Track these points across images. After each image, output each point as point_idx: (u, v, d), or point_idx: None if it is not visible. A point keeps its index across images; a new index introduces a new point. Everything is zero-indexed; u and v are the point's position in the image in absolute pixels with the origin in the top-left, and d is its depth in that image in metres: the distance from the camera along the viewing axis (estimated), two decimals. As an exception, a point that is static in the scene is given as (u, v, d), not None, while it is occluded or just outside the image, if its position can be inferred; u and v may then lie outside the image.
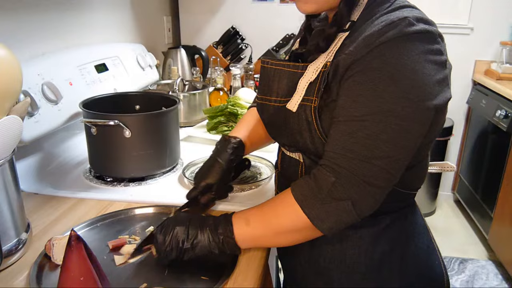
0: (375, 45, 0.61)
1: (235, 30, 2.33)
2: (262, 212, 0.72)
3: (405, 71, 0.61)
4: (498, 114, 2.25)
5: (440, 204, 2.95)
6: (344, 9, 0.69)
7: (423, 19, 0.64)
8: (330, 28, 0.70)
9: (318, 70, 0.69)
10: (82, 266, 0.60)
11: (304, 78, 0.71)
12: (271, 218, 0.71)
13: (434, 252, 0.83)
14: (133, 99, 1.21)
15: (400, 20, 0.61)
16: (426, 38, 0.62)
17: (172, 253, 0.70)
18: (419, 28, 0.61)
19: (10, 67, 0.71)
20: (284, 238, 0.72)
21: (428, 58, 0.62)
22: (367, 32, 0.64)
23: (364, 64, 0.63)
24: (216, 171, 0.84)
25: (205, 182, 0.83)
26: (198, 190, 0.83)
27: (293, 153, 0.78)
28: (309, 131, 0.70)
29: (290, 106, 0.72)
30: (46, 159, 1.15)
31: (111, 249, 0.78)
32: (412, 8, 0.67)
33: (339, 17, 0.69)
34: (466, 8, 2.57)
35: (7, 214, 0.73)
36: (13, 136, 0.71)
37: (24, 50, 1.15)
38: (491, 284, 2.14)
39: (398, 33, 0.61)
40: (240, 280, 0.71)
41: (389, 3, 0.68)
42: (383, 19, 0.64)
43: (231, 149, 0.86)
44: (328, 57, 0.69)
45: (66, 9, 1.34)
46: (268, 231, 0.71)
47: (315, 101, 0.69)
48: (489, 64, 2.65)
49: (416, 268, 0.78)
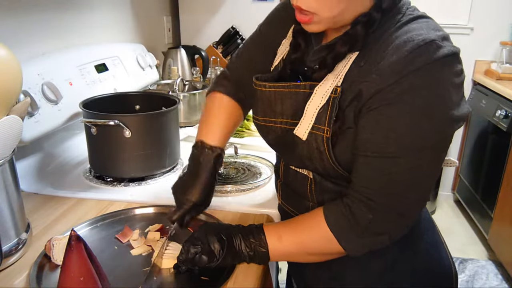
0: (403, 74, 0.58)
1: (235, 30, 2.33)
2: (295, 232, 0.71)
3: (437, 103, 0.59)
4: (498, 114, 2.25)
5: (440, 204, 2.95)
6: (361, 30, 0.62)
7: (446, 36, 0.60)
8: (341, 47, 0.64)
9: (328, 95, 0.65)
10: (82, 266, 0.60)
11: (312, 103, 0.67)
12: (305, 240, 0.70)
13: (441, 246, 0.83)
14: (133, 99, 1.21)
15: (427, 45, 0.57)
16: (453, 60, 0.59)
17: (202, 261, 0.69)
18: (447, 52, 0.58)
19: (10, 67, 0.71)
20: (314, 258, 0.72)
21: (455, 82, 0.60)
22: (390, 57, 0.59)
23: (392, 95, 0.59)
24: (200, 188, 0.76)
25: (191, 202, 0.75)
26: (183, 211, 0.75)
27: (300, 169, 0.76)
28: (320, 159, 0.68)
29: (299, 134, 0.68)
30: (46, 159, 1.15)
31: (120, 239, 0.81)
32: (426, 19, 0.64)
33: (353, 38, 0.63)
34: (466, 8, 2.57)
35: (7, 214, 0.73)
36: (13, 136, 0.71)
37: (24, 50, 1.14)
38: (491, 284, 2.14)
39: (428, 60, 0.57)
40: (240, 280, 0.71)
41: (400, 14, 0.63)
42: (404, 39, 0.59)
43: (213, 159, 0.78)
44: (337, 80, 0.65)
45: (66, 9, 1.34)
46: (301, 252, 0.71)
47: (327, 131, 0.65)
48: (489, 64, 2.65)
49: (427, 264, 0.79)
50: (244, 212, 0.94)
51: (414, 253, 0.77)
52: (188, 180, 0.78)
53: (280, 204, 0.88)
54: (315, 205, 0.75)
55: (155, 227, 0.85)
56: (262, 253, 0.70)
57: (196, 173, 0.78)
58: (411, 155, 0.61)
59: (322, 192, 0.74)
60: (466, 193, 2.75)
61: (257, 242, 0.70)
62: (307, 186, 0.76)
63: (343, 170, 0.67)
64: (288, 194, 0.83)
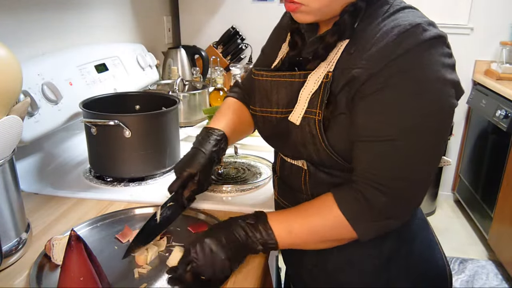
0: (392, 57, 0.59)
1: (235, 30, 2.33)
2: (305, 222, 0.70)
3: (427, 84, 0.60)
4: (498, 114, 2.25)
5: (440, 204, 2.95)
6: (348, 19, 0.66)
7: (431, 22, 0.62)
8: (331, 37, 0.67)
9: (320, 80, 0.68)
10: (82, 266, 0.60)
11: (305, 89, 0.69)
12: (317, 228, 0.70)
13: (436, 246, 0.83)
14: (133, 99, 1.21)
15: (414, 28, 0.60)
16: (439, 43, 0.61)
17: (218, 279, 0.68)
18: (433, 34, 0.60)
19: (10, 67, 0.71)
20: (324, 245, 0.72)
21: (444, 62, 0.61)
22: (379, 42, 0.61)
23: (383, 79, 0.61)
24: (199, 161, 0.80)
25: (187, 171, 0.78)
26: (180, 180, 0.78)
27: (295, 160, 0.77)
28: (313, 144, 0.69)
29: (293, 119, 0.71)
30: (46, 159, 1.15)
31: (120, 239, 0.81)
32: (412, 10, 0.66)
33: (342, 27, 0.66)
34: (466, 8, 2.57)
35: (7, 214, 0.73)
36: (13, 136, 0.71)
37: (24, 50, 1.15)
38: (491, 284, 2.14)
39: (414, 42, 0.59)
40: (240, 280, 0.71)
41: (388, 5, 0.66)
42: (391, 25, 0.62)
43: (214, 141, 0.83)
44: (329, 67, 0.67)
45: (66, 9, 1.34)
46: (312, 240, 0.71)
47: (319, 114, 0.67)
48: (489, 64, 2.65)
49: (421, 264, 0.79)
50: (244, 212, 0.94)
51: (408, 252, 0.77)
52: (188, 156, 0.82)
53: (276, 200, 0.89)
54: (308, 198, 0.76)
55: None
56: (271, 247, 0.70)
57: (196, 149, 0.82)
58: (409, 136, 0.62)
59: (316, 184, 0.75)
60: (466, 193, 2.75)
61: (266, 239, 0.69)
62: (301, 179, 0.77)
63: (337, 156, 0.68)
64: (283, 189, 0.84)
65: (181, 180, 0.79)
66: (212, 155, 0.82)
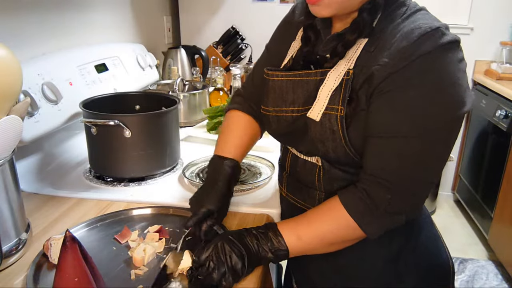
0: (412, 58, 0.61)
1: (235, 30, 2.33)
2: (314, 227, 0.72)
3: (445, 86, 0.62)
4: (498, 114, 2.25)
5: (440, 204, 2.95)
6: (367, 17, 0.67)
7: (447, 26, 0.64)
8: (350, 35, 0.68)
9: (340, 78, 0.68)
10: (77, 267, 0.60)
11: (325, 86, 0.70)
12: (325, 233, 0.71)
13: (439, 240, 0.85)
14: (133, 99, 1.21)
15: (434, 31, 0.61)
16: (456, 47, 0.63)
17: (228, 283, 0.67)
18: (451, 38, 0.62)
19: (10, 67, 0.71)
20: (334, 247, 0.74)
21: (460, 67, 0.63)
22: (399, 42, 0.63)
23: (403, 78, 0.62)
24: (216, 196, 0.78)
25: (205, 208, 0.76)
26: (198, 216, 0.75)
27: (309, 157, 0.78)
28: (333, 140, 0.70)
29: (312, 115, 0.71)
30: (46, 159, 1.15)
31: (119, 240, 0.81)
32: (426, 12, 0.68)
33: (361, 25, 0.67)
34: (466, 8, 2.57)
35: (7, 214, 0.73)
36: (13, 136, 0.71)
37: (24, 50, 1.15)
38: (491, 284, 2.14)
39: (435, 45, 0.61)
40: (240, 280, 0.71)
41: (405, 7, 0.68)
42: (412, 26, 0.63)
43: (227, 174, 0.81)
44: (349, 64, 0.68)
45: (66, 9, 1.34)
46: (322, 244, 0.72)
47: (341, 110, 0.68)
48: (489, 64, 2.65)
49: (427, 257, 0.81)
50: (244, 212, 0.94)
51: (415, 246, 0.79)
52: (203, 189, 0.81)
53: (284, 197, 0.89)
54: (322, 194, 0.77)
55: (154, 228, 0.85)
56: (282, 255, 0.71)
57: (211, 182, 0.81)
58: (423, 135, 0.64)
59: (330, 180, 0.75)
60: (466, 193, 2.75)
61: (277, 246, 0.70)
62: (315, 175, 0.77)
63: (355, 153, 0.69)
64: (294, 186, 0.84)
65: (198, 218, 0.76)
66: (229, 188, 0.81)
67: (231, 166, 0.82)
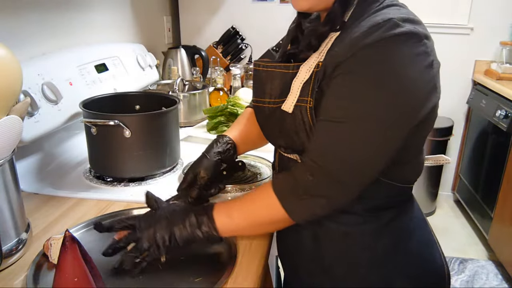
0: (358, 47, 0.61)
1: (235, 30, 2.33)
2: (243, 206, 0.75)
3: (388, 76, 0.61)
4: (498, 114, 2.25)
5: (440, 204, 2.95)
6: (338, 9, 0.68)
7: (409, 19, 0.63)
8: (323, 27, 0.70)
9: (311, 70, 0.70)
10: (76, 267, 0.60)
11: (297, 79, 0.71)
12: (251, 211, 0.74)
13: (434, 245, 0.84)
14: (133, 99, 1.21)
15: (385, 22, 0.61)
16: (411, 40, 0.61)
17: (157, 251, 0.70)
18: (404, 30, 0.60)
19: (10, 67, 0.71)
20: (261, 229, 0.77)
21: (416, 61, 0.61)
22: (353, 34, 0.64)
23: (347, 66, 0.63)
24: (203, 164, 0.85)
25: (192, 173, 0.84)
26: (186, 182, 0.84)
27: (290, 154, 0.79)
28: (305, 131, 0.71)
29: (285, 107, 0.73)
30: (46, 159, 1.15)
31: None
32: (400, 7, 0.67)
33: (332, 17, 0.69)
34: (466, 8, 2.57)
35: (7, 214, 0.73)
36: (13, 136, 0.71)
37: (24, 50, 1.15)
38: (491, 284, 2.15)
39: (382, 36, 0.60)
40: (240, 280, 0.71)
41: (378, 2, 0.68)
42: (371, 20, 0.63)
43: (220, 147, 0.88)
44: (320, 57, 0.69)
45: (66, 9, 1.34)
46: (248, 223, 0.74)
47: (310, 102, 0.69)
48: (489, 64, 2.65)
49: (419, 262, 0.79)
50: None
51: (405, 251, 0.77)
52: (197, 160, 0.88)
53: None
54: None
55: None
56: (213, 236, 0.72)
57: (204, 154, 0.88)
58: (354, 122, 0.64)
59: None
60: (466, 193, 2.75)
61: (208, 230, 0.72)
62: None
63: None
64: None
65: (187, 182, 0.84)
66: (217, 160, 0.87)
67: (225, 141, 0.89)
